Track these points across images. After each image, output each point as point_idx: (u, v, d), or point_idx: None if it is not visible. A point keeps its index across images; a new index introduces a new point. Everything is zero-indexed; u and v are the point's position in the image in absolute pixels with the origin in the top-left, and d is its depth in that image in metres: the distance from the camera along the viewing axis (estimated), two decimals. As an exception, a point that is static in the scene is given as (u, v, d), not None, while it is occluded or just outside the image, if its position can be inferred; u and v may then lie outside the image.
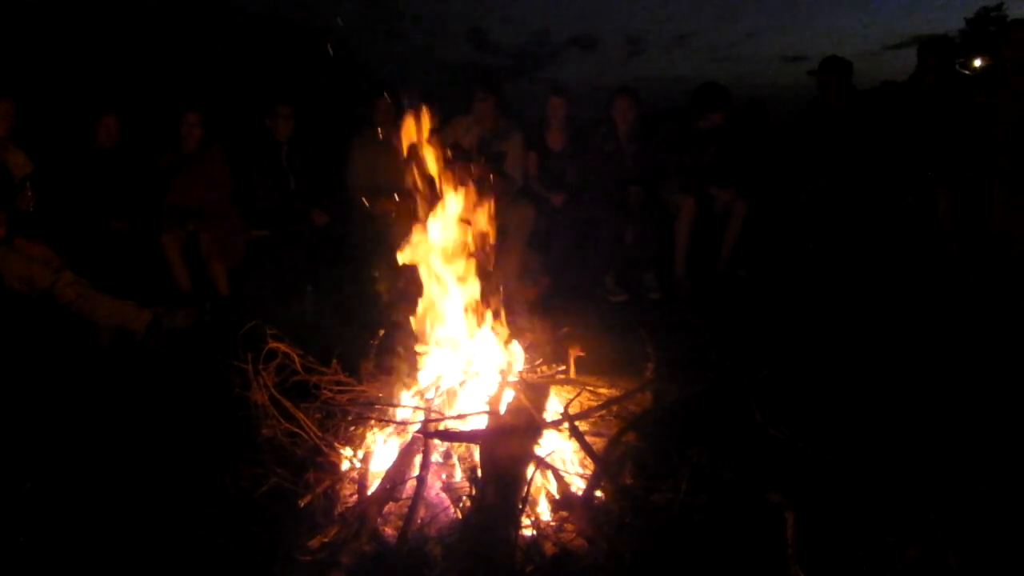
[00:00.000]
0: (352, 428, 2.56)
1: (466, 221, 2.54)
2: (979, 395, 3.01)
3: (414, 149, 2.50)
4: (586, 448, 2.21)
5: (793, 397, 2.86)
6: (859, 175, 5.15)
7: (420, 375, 2.64)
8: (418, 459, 2.22)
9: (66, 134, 5.00)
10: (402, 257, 2.56)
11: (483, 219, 2.60)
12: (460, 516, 2.09)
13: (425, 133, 2.51)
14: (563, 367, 2.93)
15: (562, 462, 2.30)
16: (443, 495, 2.20)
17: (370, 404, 2.61)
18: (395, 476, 2.20)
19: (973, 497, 2.20)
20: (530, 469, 2.11)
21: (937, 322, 4.01)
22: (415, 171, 2.51)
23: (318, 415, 2.56)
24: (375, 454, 2.37)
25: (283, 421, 2.45)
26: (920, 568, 1.89)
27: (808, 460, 2.29)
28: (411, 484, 2.14)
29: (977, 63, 11.64)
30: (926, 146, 4.99)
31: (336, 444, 2.43)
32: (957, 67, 5.72)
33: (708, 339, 2.93)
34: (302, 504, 2.19)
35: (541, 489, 2.18)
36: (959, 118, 4.82)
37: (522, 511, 2.00)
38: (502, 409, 2.35)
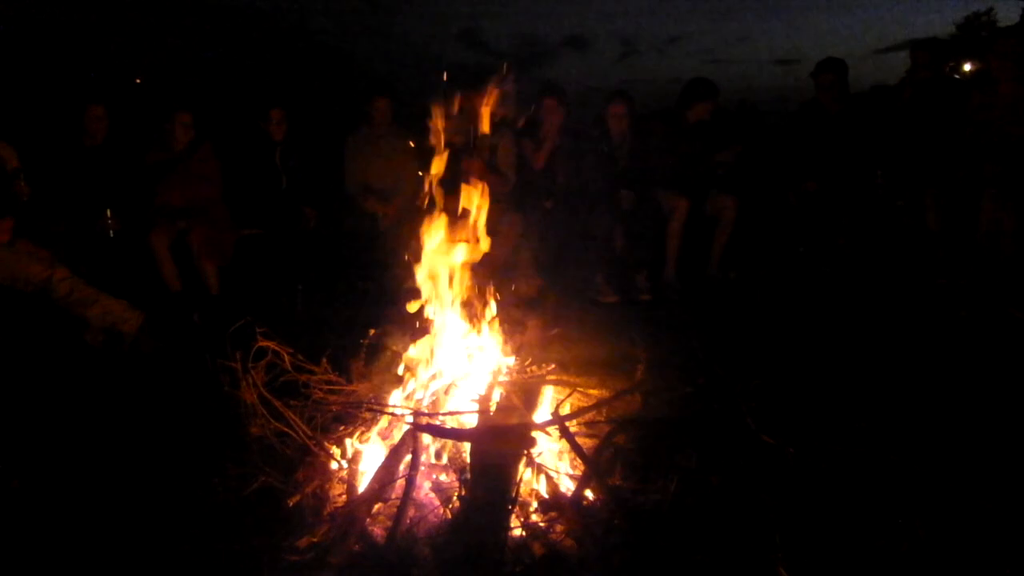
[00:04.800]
0: (342, 427, 2.56)
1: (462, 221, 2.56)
2: (966, 399, 3.03)
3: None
4: (576, 449, 2.21)
5: (782, 401, 2.88)
6: (849, 178, 5.18)
7: (411, 375, 2.63)
8: (407, 459, 2.21)
9: (56, 131, 4.97)
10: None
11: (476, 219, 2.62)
12: (449, 516, 2.08)
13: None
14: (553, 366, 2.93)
15: (552, 462, 2.30)
16: (432, 495, 2.20)
17: (360, 403, 2.60)
18: (384, 476, 2.19)
19: (959, 502, 2.22)
20: (520, 469, 2.11)
21: (924, 326, 4.03)
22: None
23: (308, 414, 2.55)
24: (364, 454, 2.37)
25: (272, 420, 2.44)
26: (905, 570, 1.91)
27: (796, 464, 2.31)
28: (400, 484, 2.14)
29: (967, 68, 11.74)
30: (916, 150, 5.02)
31: (325, 444, 2.42)
32: (947, 71, 5.76)
33: (697, 346, 2.94)
34: (291, 503, 2.19)
35: (531, 489, 2.18)
36: (949, 122, 4.85)
37: (511, 511, 2.00)
38: (492, 409, 2.35)
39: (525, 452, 2.17)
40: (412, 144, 5.44)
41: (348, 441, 2.42)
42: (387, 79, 5.58)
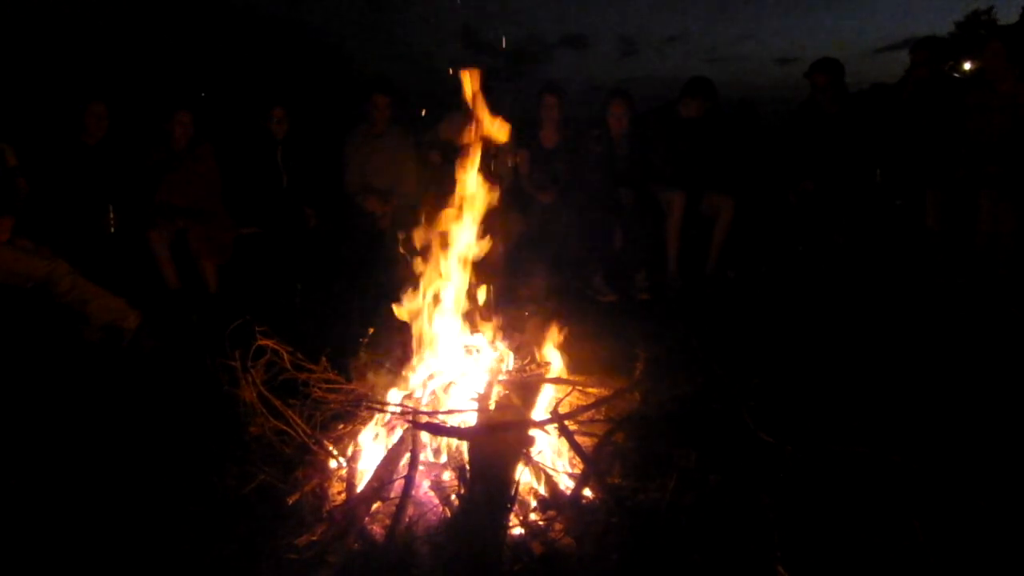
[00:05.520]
0: (341, 426, 2.56)
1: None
2: (965, 398, 3.03)
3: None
4: (575, 447, 2.21)
5: (781, 400, 2.88)
6: (848, 177, 5.19)
7: (410, 374, 2.64)
8: (406, 457, 2.21)
9: (56, 129, 4.97)
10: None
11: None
12: (448, 515, 2.09)
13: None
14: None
15: (551, 461, 2.30)
16: (431, 493, 2.20)
17: (359, 402, 2.60)
18: (383, 475, 2.20)
19: (958, 502, 2.22)
20: (519, 468, 2.11)
21: (923, 325, 4.04)
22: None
23: (307, 412, 2.55)
24: (364, 452, 2.37)
25: (271, 419, 2.44)
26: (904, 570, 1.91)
27: (795, 464, 2.31)
28: (399, 483, 2.14)
29: (967, 66, 11.71)
30: (915, 149, 5.02)
31: (325, 442, 2.42)
32: (947, 70, 5.75)
33: (696, 345, 2.94)
34: (290, 502, 2.19)
35: (530, 488, 2.18)
36: (948, 121, 4.85)
37: (510, 510, 2.00)
38: (491, 407, 2.35)
39: (524, 451, 2.17)
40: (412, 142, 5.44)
41: (347, 440, 2.42)
42: (387, 77, 5.54)
